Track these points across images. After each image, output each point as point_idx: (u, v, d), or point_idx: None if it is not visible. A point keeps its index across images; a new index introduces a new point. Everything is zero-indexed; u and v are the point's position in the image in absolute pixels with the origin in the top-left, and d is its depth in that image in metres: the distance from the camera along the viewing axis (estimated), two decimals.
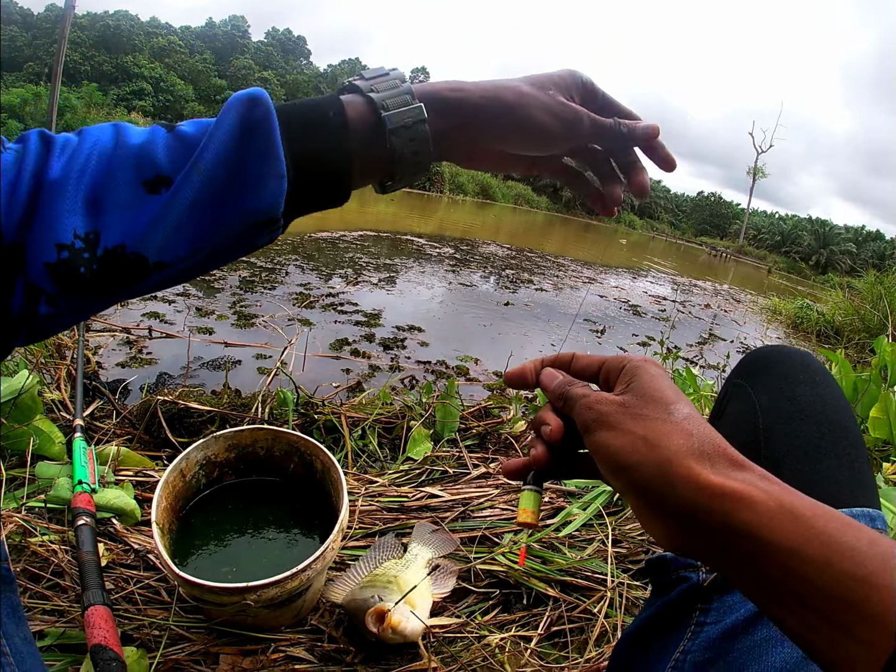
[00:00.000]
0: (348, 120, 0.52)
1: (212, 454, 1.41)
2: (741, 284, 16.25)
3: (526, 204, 44.93)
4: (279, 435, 1.45)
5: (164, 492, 1.25)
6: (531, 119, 0.55)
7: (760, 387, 0.77)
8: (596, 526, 1.71)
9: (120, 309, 4.00)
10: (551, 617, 1.37)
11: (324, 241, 9.02)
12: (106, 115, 25.99)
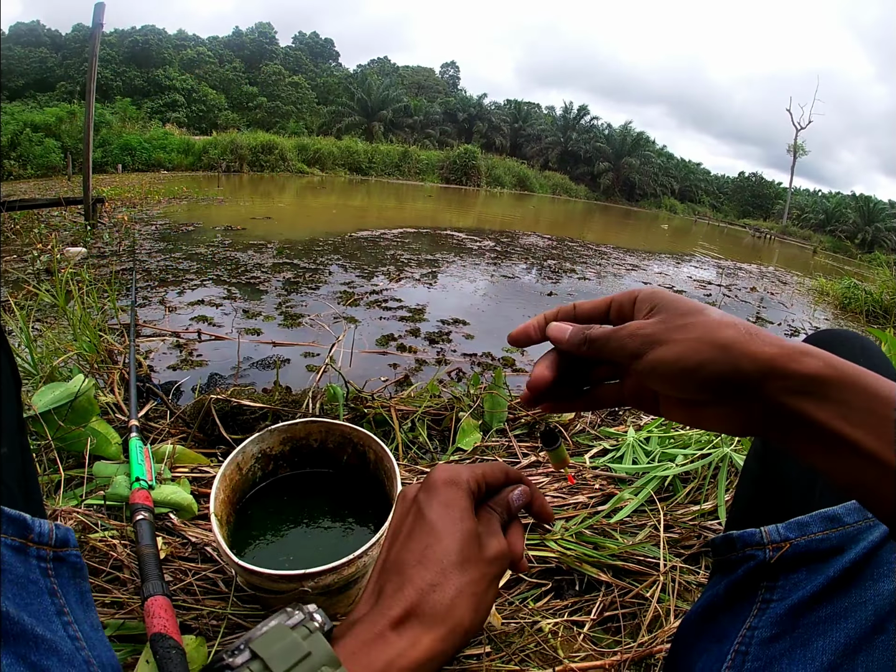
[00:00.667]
0: None
1: (267, 447, 1.40)
2: (787, 266, 15.83)
3: (564, 193, 44.47)
4: (332, 427, 1.44)
5: (222, 485, 1.25)
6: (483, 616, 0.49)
7: None
8: (648, 511, 1.69)
9: (168, 314, 4.08)
10: (604, 602, 1.35)
11: (364, 240, 9.07)
12: (141, 127, 26.60)
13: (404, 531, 0.50)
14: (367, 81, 43.83)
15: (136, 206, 10.57)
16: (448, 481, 0.51)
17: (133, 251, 6.21)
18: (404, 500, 0.54)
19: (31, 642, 0.46)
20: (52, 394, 1.71)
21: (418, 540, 0.48)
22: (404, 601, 0.44)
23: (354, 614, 0.46)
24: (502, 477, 0.57)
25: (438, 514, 0.49)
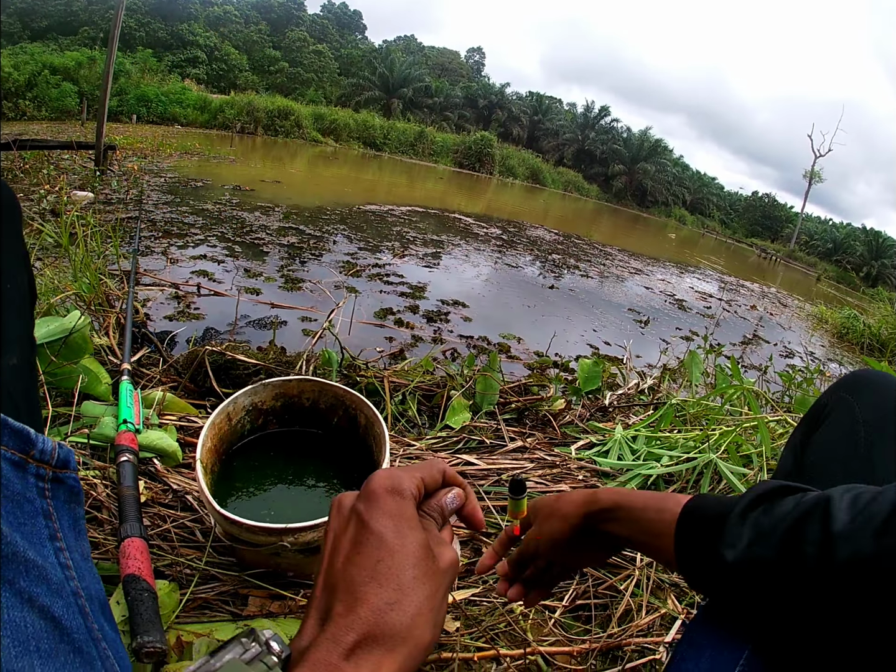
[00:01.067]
0: None
1: (259, 401, 1.40)
2: (789, 289, 15.84)
3: (576, 191, 44.26)
4: (326, 387, 1.43)
5: (210, 433, 1.24)
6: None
7: (866, 404, 0.84)
8: None
9: (170, 266, 4.05)
10: (577, 591, 1.36)
11: (372, 214, 9.03)
12: (159, 80, 26.35)
13: (346, 545, 0.47)
14: (391, 57, 43.39)
15: (147, 158, 10.49)
16: (391, 490, 0.49)
17: (140, 201, 6.16)
18: (340, 510, 0.51)
19: (22, 566, 0.43)
20: (47, 327, 1.70)
21: (367, 555, 0.45)
22: (360, 624, 0.42)
23: (303, 638, 0.44)
24: (439, 478, 0.55)
25: (385, 526, 0.47)
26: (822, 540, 0.47)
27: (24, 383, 0.62)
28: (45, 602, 0.44)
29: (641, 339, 5.24)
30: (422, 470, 0.54)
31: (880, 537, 0.44)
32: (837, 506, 0.48)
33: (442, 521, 0.54)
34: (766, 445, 1.85)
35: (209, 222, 5.85)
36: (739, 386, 2.21)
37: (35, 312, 2.04)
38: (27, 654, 0.40)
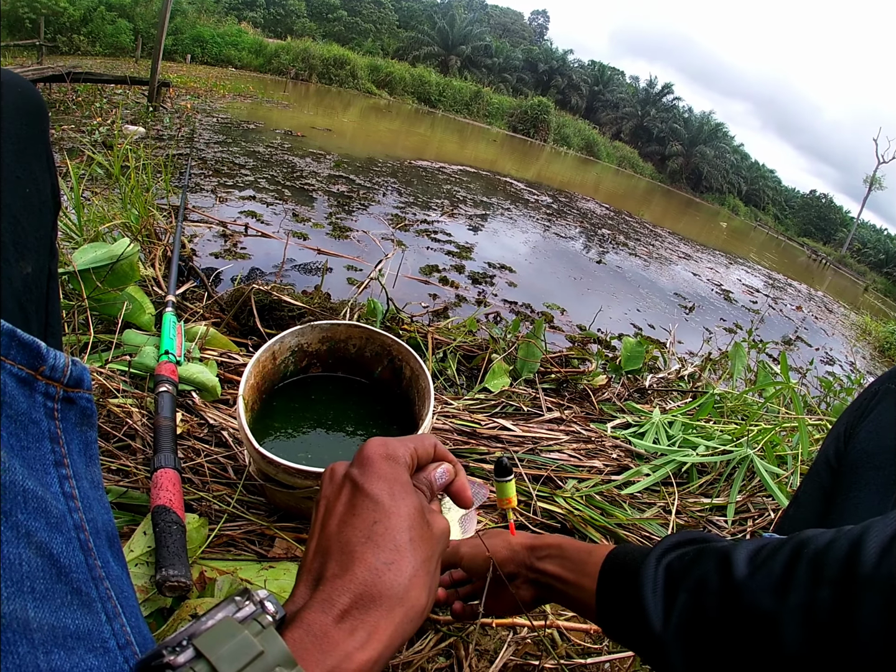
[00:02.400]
0: None
1: (305, 342, 1.35)
2: (836, 295, 15.35)
3: (630, 168, 43.31)
4: (373, 335, 1.38)
5: (255, 370, 1.20)
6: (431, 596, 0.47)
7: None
8: (662, 491, 1.66)
9: (218, 204, 4.03)
10: None
11: (423, 170, 8.93)
12: (216, 21, 26.28)
13: (340, 509, 0.46)
14: (452, 13, 42.59)
15: (200, 97, 10.49)
16: (385, 456, 0.49)
17: (192, 139, 6.15)
18: (333, 476, 0.50)
19: (20, 497, 0.39)
20: (94, 253, 1.67)
21: (362, 517, 0.45)
22: (355, 583, 0.41)
23: (295, 601, 0.42)
24: (431, 452, 0.55)
25: (381, 489, 0.46)
26: (723, 589, 0.50)
27: (39, 294, 0.57)
28: (44, 538, 0.39)
29: (685, 325, 5.11)
30: (414, 441, 0.53)
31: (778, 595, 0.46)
32: (738, 556, 0.51)
33: (431, 494, 0.53)
34: (803, 447, 1.80)
35: (259, 164, 5.82)
36: (785, 384, 2.11)
37: (82, 237, 2.03)
38: (20, 596, 0.36)
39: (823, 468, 0.83)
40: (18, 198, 0.55)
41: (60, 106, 6.31)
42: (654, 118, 47.83)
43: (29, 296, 0.54)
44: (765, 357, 3.55)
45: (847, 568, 0.43)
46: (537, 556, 0.76)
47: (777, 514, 1.65)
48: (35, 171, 0.59)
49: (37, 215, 0.58)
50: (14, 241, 0.53)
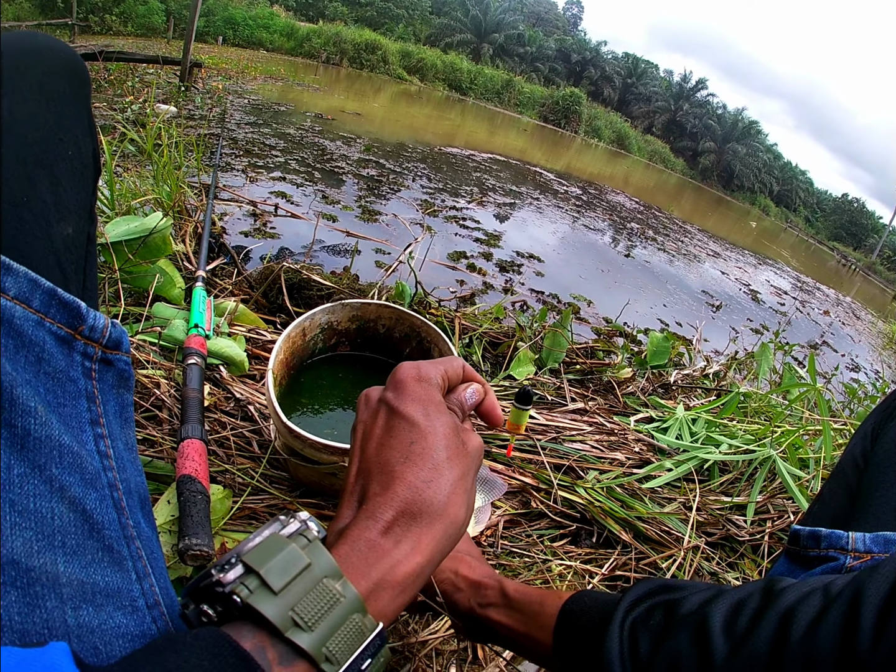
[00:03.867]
0: None
1: (335, 320, 1.34)
2: (864, 302, 15.08)
3: (661, 163, 42.84)
4: (403, 316, 1.37)
5: (285, 345, 1.20)
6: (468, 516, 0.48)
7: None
8: (683, 487, 1.64)
9: (248, 184, 4.05)
10: (618, 561, 1.32)
11: (452, 157, 8.90)
12: (248, 4, 26.35)
13: (377, 432, 0.48)
14: (486, 1, 42.33)
15: (232, 79, 10.53)
16: (418, 378, 0.50)
17: (223, 119, 6.18)
18: (368, 401, 0.52)
19: (56, 451, 0.39)
20: (127, 226, 1.67)
21: (400, 438, 0.46)
22: (397, 500, 0.43)
23: (339, 521, 0.44)
24: (460, 373, 0.55)
25: (416, 410, 0.47)
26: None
27: (79, 256, 0.57)
28: (77, 493, 0.39)
29: (711, 323, 5.05)
30: (444, 363, 0.54)
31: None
32: (714, 626, 0.46)
33: (462, 414, 0.54)
34: (826, 450, 1.77)
35: (290, 146, 5.83)
36: (812, 386, 2.07)
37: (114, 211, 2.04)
38: (51, 549, 0.36)
39: (850, 466, 0.81)
40: (60, 159, 0.55)
41: (93, 84, 6.35)
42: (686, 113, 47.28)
43: (69, 256, 0.54)
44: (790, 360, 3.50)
45: (844, 647, 0.39)
46: (479, 601, 0.70)
47: (797, 517, 1.63)
48: (77, 133, 0.59)
49: (78, 178, 0.58)
50: (55, 202, 0.53)
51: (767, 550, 1.49)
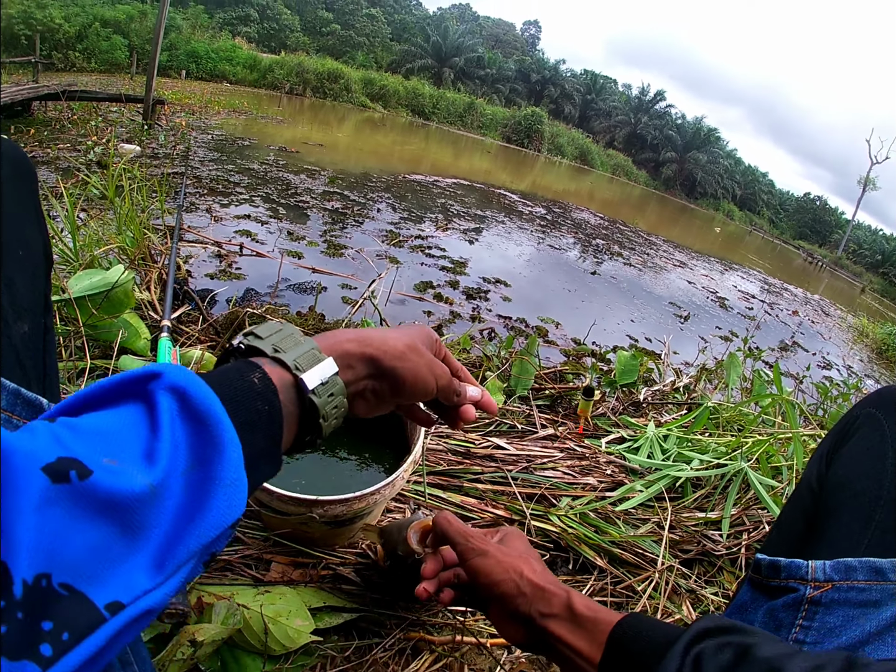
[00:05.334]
0: (275, 387, 0.47)
1: None
2: (832, 298, 15.42)
3: (624, 175, 43.41)
4: None
5: None
6: (424, 379, 0.59)
7: (895, 422, 0.79)
8: (656, 507, 1.66)
9: (213, 223, 4.06)
10: (594, 587, 1.34)
11: (417, 184, 8.98)
12: (210, 37, 26.40)
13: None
14: (445, 25, 42.83)
15: (195, 114, 10.54)
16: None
17: (187, 156, 6.19)
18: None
19: None
20: (90, 280, 1.69)
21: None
22: (359, 334, 0.57)
23: None
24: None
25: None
26: None
27: (37, 349, 0.60)
28: None
29: (680, 334, 5.13)
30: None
31: None
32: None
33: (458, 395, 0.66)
34: (797, 459, 1.80)
35: (254, 182, 5.86)
36: (779, 396, 2.12)
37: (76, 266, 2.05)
38: None
39: (806, 491, 0.81)
40: (13, 261, 0.58)
41: (56, 124, 6.35)
42: (647, 125, 47.98)
43: (27, 353, 0.57)
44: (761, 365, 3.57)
45: None
46: (542, 610, 0.65)
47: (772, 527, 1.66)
48: (27, 233, 0.62)
49: (30, 276, 0.60)
50: (11, 303, 0.56)
51: (745, 563, 1.52)
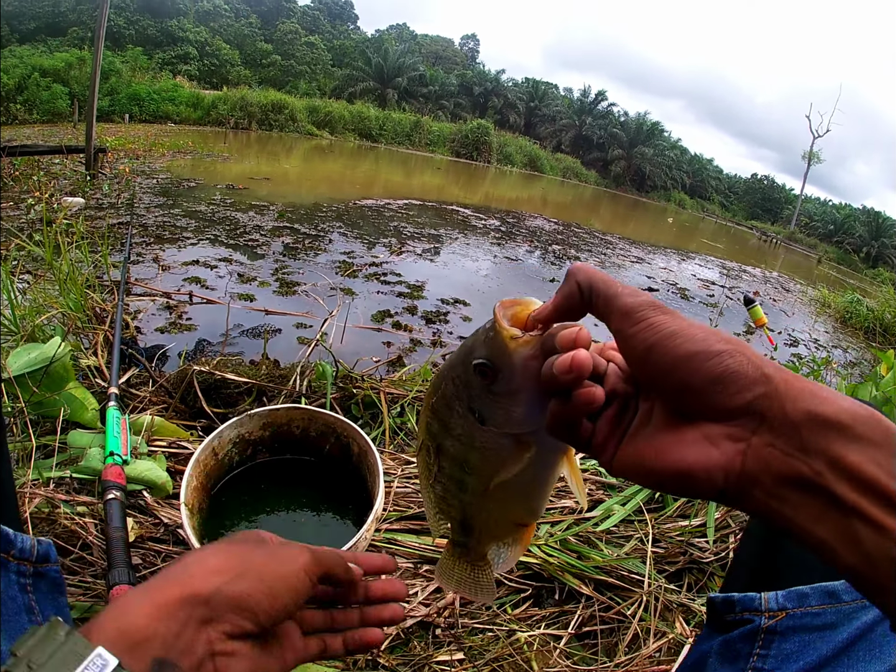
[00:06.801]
0: None
1: (246, 432, 1.34)
2: (790, 272, 15.79)
3: (574, 177, 44.00)
4: (315, 415, 1.38)
5: (195, 471, 1.19)
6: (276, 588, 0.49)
7: None
8: (636, 523, 1.64)
9: (161, 273, 4.00)
10: (583, 616, 1.31)
11: (368, 209, 8.97)
12: (151, 78, 26.26)
13: None
14: (385, 47, 43.12)
15: (140, 158, 10.42)
16: None
17: (132, 205, 6.10)
18: None
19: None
20: (28, 356, 1.64)
21: None
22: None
23: None
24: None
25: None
26: None
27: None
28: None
29: None
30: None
31: None
32: None
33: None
34: None
35: (202, 224, 5.79)
36: None
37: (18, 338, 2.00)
38: None
39: (756, 525, 0.80)
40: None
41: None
42: (591, 126, 48.74)
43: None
44: None
45: None
46: (828, 426, 0.33)
47: None
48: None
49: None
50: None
51: None
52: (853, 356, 6.58)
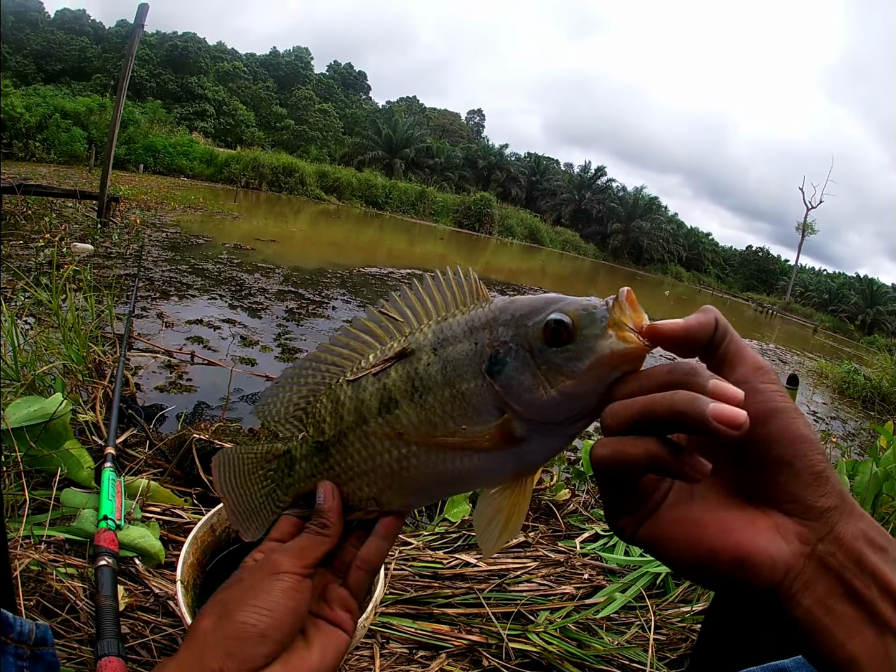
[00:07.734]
0: None
1: None
2: (787, 343, 15.97)
3: (573, 250, 44.84)
4: None
5: (192, 548, 1.16)
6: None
7: None
8: (638, 609, 1.59)
9: (164, 330, 4.00)
10: None
11: (372, 277, 9.08)
12: (168, 131, 26.95)
13: None
14: (394, 118, 44.60)
15: (151, 210, 10.60)
16: None
17: (140, 256, 6.17)
18: None
19: None
20: (27, 409, 1.62)
21: None
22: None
23: None
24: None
25: None
26: None
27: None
28: None
29: None
30: None
31: None
32: None
33: None
34: None
35: (208, 283, 5.85)
36: None
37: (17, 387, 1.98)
38: None
39: (715, 608, 0.82)
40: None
41: (10, 219, 6.30)
42: (590, 200, 49.98)
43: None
44: None
45: None
46: (879, 549, 0.36)
47: None
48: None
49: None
50: None
51: None
52: (852, 427, 6.61)
